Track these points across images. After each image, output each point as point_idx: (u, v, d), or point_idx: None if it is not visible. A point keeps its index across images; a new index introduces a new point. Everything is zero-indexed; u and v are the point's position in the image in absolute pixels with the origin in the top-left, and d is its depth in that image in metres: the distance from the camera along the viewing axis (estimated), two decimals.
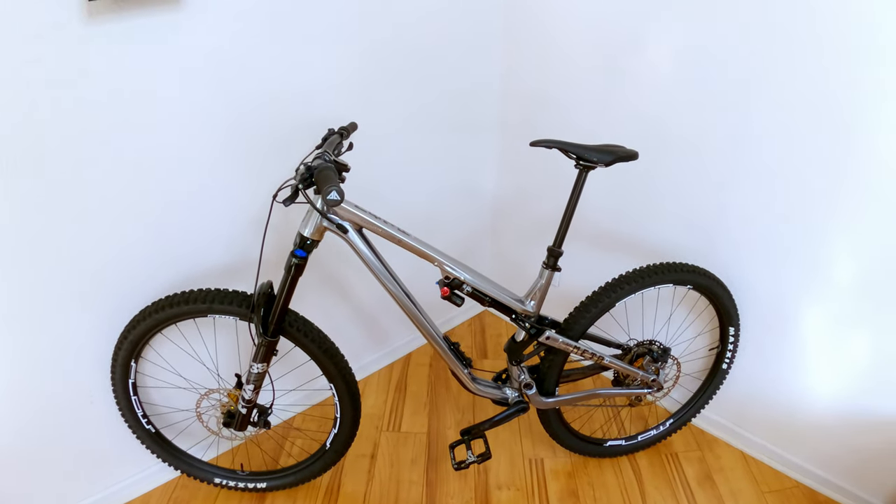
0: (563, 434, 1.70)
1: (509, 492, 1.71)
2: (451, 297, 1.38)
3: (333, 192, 1.00)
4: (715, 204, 1.63)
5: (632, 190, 1.80)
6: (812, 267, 1.50)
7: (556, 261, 1.44)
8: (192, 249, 1.53)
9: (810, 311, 1.55)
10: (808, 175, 1.43)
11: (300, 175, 1.14)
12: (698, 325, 1.81)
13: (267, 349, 1.39)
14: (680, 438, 1.89)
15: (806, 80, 1.36)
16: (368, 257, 1.34)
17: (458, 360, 1.49)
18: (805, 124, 1.40)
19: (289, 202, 1.16)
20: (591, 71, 1.76)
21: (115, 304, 1.46)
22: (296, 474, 1.68)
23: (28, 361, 1.38)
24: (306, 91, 1.57)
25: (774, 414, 1.73)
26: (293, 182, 1.22)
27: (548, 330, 1.46)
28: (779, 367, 1.67)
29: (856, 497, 1.64)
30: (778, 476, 1.76)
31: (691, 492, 1.71)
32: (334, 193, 1.00)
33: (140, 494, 1.71)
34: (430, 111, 1.90)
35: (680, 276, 1.54)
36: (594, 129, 1.82)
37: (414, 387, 2.10)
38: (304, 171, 1.13)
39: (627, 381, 1.68)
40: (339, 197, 1.00)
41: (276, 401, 1.91)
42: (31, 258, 1.29)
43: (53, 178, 1.25)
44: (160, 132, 1.36)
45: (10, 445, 1.43)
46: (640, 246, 1.85)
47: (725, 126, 1.53)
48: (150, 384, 1.61)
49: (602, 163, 1.37)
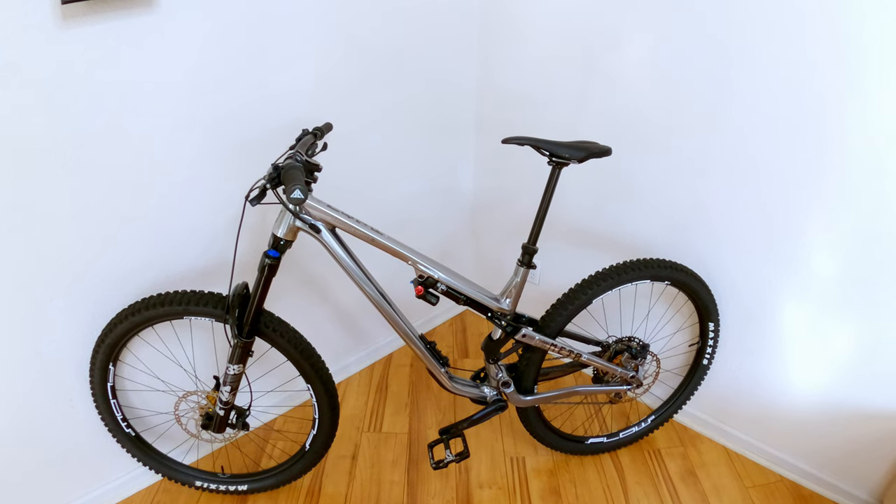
0: (543, 432, 1.70)
1: (491, 491, 1.71)
2: (425, 295, 1.38)
3: (297, 191, 1.00)
4: (692, 199, 1.64)
5: (609, 186, 1.81)
6: (791, 260, 1.51)
7: (530, 258, 1.44)
8: (169, 251, 1.53)
9: (791, 305, 1.56)
10: (786, 169, 1.44)
11: (268, 175, 1.14)
12: (677, 321, 1.81)
13: (242, 350, 1.39)
14: (662, 435, 1.89)
15: (782, 73, 1.37)
16: (342, 257, 1.34)
17: (434, 359, 1.49)
18: (783, 118, 1.41)
19: (256, 202, 1.16)
20: (566, 69, 1.77)
21: (92, 307, 1.45)
22: (276, 476, 1.67)
23: (6, 365, 1.37)
24: (282, 92, 1.57)
25: (757, 409, 1.74)
26: (265, 181, 1.22)
27: (524, 328, 1.46)
28: (760, 361, 1.68)
29: (839, 490, 1.64)
30: (762, 471, 1.76)
31: (674, 488, 1.71)
32: (298, 192, 1.00)
33: (122, 499, 1.70)
34: (407, 111, 1.90)
35: (657, 272, 1.55)
36: (572, 127, 1.83)
37: (395, 387, 2.10)
38: (271, 171, 1.14)
39: (607, 378, 1.68)
40: (303, 195, 1.00)
41: (255, 402, 1.91)
42: (7, 261, 1.28)
43: (27, 183, 1.24)
44: (135, 135, 1.35)
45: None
46: (618, 242, 1.86)
47: (702, 121, 1.54)
48: (129, 387, 1.60)
49: (574, 159, 1.37)
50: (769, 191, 1.49)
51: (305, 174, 1.23)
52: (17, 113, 1.18)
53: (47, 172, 1.26)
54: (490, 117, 2.07)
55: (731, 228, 1.59)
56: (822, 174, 1.39)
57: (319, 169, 1.27)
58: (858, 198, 1.35)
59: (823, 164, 1.38)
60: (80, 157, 1.29)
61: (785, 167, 1.44)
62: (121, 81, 1.29)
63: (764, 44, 1.38)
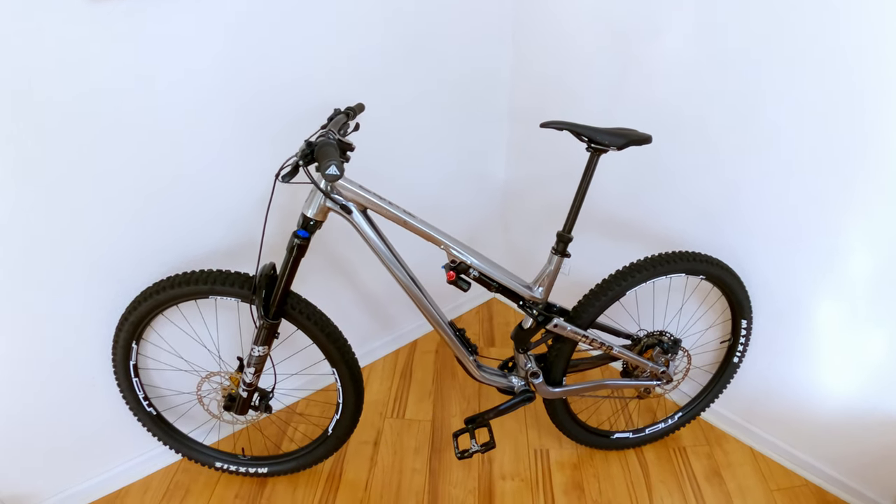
0: (569, 425, 1.67)
1: (513, 482, 1.68)
2: (456, 281, 1.34)
3: (333, 167, 0.96)
4: (727, 192, 1.58)
5: (642, 177, 1.75)
6: (827, 260, 1.45)
7: (565, 246, 1.40)
8: (194, 231, 1.51)
9: (825, 305, 1.50)
10: (824, 165, 1.38)
11: (301, 151, 1.11)
12: (710, 317, 1.76)
13: (268, 332, 1.37)
14: (688, 432, 1.85)
15: (822, 65, 1.30)
16: (373, 239, 1.31)
17: (463, 346, 1.46)
18: (821, 112, 1.34)
19: (287, 178, 1.13)
20: (602, 56, 1.71)
21: (116, 285, 1.44)
22: (297, 460, 1.66)
23: (29, 342, 1.36)
24: (318, 72, 1.54)
25: (785, 410, 1.69)
26: (297, 159, 1.19)
27: (556, 318, 1.43)
28: (791, 361, 1.63)
29: (865, 497, 1.59)
30: (787, 473, 1.72)
31: (698, 487, 1.68)
32: (333, 168, 0.97)
33: (141, 477, 1.70)
34: (440, 97, 1.86)
35: (692, 266, 1.50)
36: (607, 116, 1.77)
37: (419, 374, 2.07)
38: (304, 148, 1.10)
39: (636, 373, 1.64)
40: (339, 172, 0.97)
41: (279, 385, 1.89)
42: (33, 238, 1.27)
43: (57, 158, 1.23)
44: (168, 112, 1.33)
45: (10, 427, 1.42)
46: (650, 234, 1.81)
47: (739, 114, 1.48)
48: (152, 366, 1.59)
49: (614, 146, 1.32)
50: (805, 186, 1.42)
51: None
52: (46, 88, 1.15)
53: (72, 152, 1.24)
54: (523, 104, 2.02)
55: (765, 224, 1.53)
56: (860, 170, 1.32)
57: (352, 148, 1.23)
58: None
59: (862, 159, 1.31)
60: (110, 134, 1.27)
61: (821, 162, 1.38)
62: (154, 56, 1.26)
63: (804, 33, 1.31)
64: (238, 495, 1.65)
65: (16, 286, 1.29)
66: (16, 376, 1.37)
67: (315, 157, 1.05)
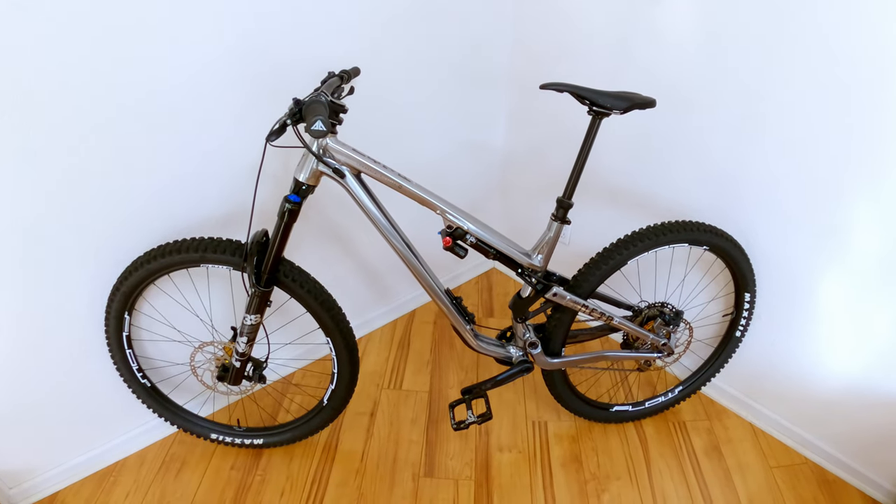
0: (567, 397, 1.65)
1: (511, 454, 1.66)
2: (453, 247, 1.31)
3: (318, 122, 0.93)
4: (732, 163, 1.53)
5: (645, 144, 1.71)
6: (831, 234, 1.41)
7: (565, 213, 1.36)
8: (187, 198, 1.47)
9: (829, 281, 1.46)
10: (829, 136, 1.33)
11: (289, 109, 1.06)
12: (712, 290, 1.73)
13: (260, 300, 1.34)
14: (688, 407, 1.83)
15: (828, 40, 1.25)
16: (367, 205, 1.27)
17: (460, 315, 1.43)
18: (826, 86, 1.29)
19: (274, 137, 1.09)
20: (606, 21, 1.65)
21: (108, 254, 1.40)
22: (293, 430, 1.64)
23: (20, 315, 1.34)
24: (310, 35, 1.48)
25: (787, 387, 1.66)
26: (287, 120, 1.15)
27: (555, 286, 1.39)
28: (794, 338, 1.59)
29: (864, 477, 1.57)
30: (787, 451, 1.69)
31: (697, 462, 1.66)
32: (319, 123, 0.93)
33: (137, 450, 1.69)
34: (441, 65, 1.81)
35: (696, 236, 1.46)
36: (610, 83, 1.72)
37: (417, 344, 2.05)
38: (292, 106, 1.06)
39: (637, 345, 1.61)
40: (324, 128, 0.93)
41: (273, 355, 1.87)
42: (20, 209, 1.23)
43: (49, 126, 1.18)
44: (154, 75, 1.28)
45: (2, 402, 1.40)
46: (652, 204, 1.76)
47: (745, 82, 1.42)
48: (145, 337, 1.57)
49: (617, 109, 1.27)
50: (812, 159, 1.37)
51: (330, 115, 1.15)
52: (38, 49, 1.11)
53: (65, 115, 1.20)
54: (523, 71, 1.97)
55: (771, 196, 1.49)
56: (868, 144, 1.27)
57: (345, 110, 1.19)
58: None
59: (870, 133, 1.26)
60: (95, 99, 1.22)
61: (828, 138, 1.33)
62: (131, 23, 1.21)
63: (812, 7, 1.25)
64: (234, 466, 1.64)
65: (2, 259, 1.26)
66: (6, 351, 1.35)
67: (303, 115, 1.01)
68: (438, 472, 1.61)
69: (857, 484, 1.59)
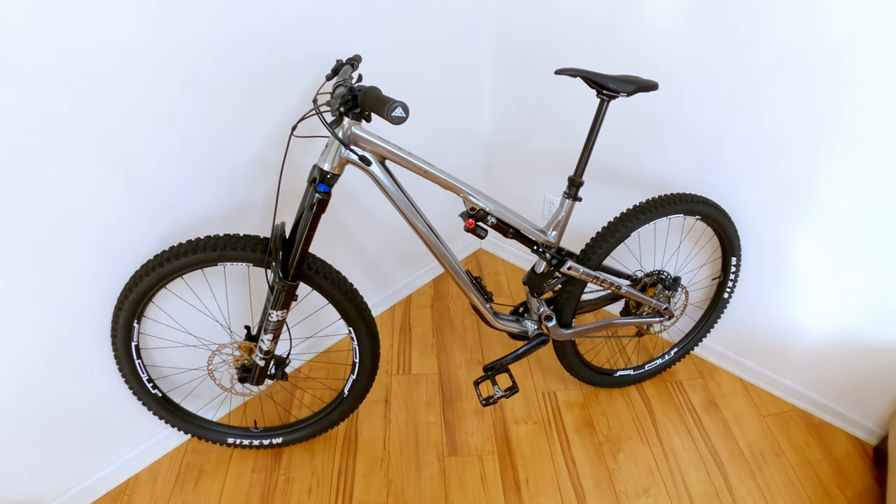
0: (577, 366, 1.73)
1: (527, 426, 1.73)
2: (475, 229, 1.35)
3: (399, 109, 0.93)
4: (714, 136, 1.65)
5: (630, 122, 1.80)
6: (808, 197, 1.55)
7: (577, 190, 1.43)
8: (188, 196, 1.43)
9: (806, 243, 1.60)
10: (803, 110, 1.46)
11: (341, 98, 1.04)
12: (702, 257, 1.85)
13: (287, 294, 1.33)
14: (682, 367, 1.96)
15: (805, 17, 1.37)
16: (392, 191, 1.29)
17: (480, 294, 1.47)
18: (802, 60, 1.41)
19: (335, 125, 1.09)
20: (589, 4, 1.73)
21: (110, 261, 1.34)
22: (313, 425, 1.64)
23: (19, 335, 1.26)
24: (301, 22, 1.47)
25: (772, 341, 1.81)
26: (315, 111, 1.15)
27: (569, 260, 1.46)
28: (776, 296, 1.73)
29: (847, 419, 1.74)
30: (775, 400, 1.84)
31: (698, 417, 1.78)
32: (400, 110, 0.93)
33: (148, 464, 1.63)
34: (424, 46, 1.82)
35: (691, 207, 1.57)
36: (595, 62, 1.80)
37: (418, 328, 2.08)
38: (345, 93, 1.04)
39: (638, 311, 1.71)
40: (406, 113, 0.93)
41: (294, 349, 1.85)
42: (15, 217, 1.15)
43: (40, 124, 1.12)
44: (152, 69, 1.24)
45: (8, 425, 1.32)
46: (639, 179, 1.87)
47: (726, 58, 1.53)
48: (154, 345, 1.52)
49: (624, 92, 1.35)
50: (789, 131, 1.50)
51: None
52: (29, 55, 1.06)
53: (59, 111, 1.14)
54: (508, 53, 2.02)
55: (750, 166, 1.61)
56: (838, 116, 1.41)
57: None
58: (873, 139, 1.38)
59: (839, 106, 1.40)
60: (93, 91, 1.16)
61: (803, 109, 1.46)
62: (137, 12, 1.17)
63: None
64: (255, 469, 1.62)
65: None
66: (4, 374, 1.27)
67: (362, 103, 1.01)
68: (462, 450, 1.66)
69: (840, 425, 1.76)
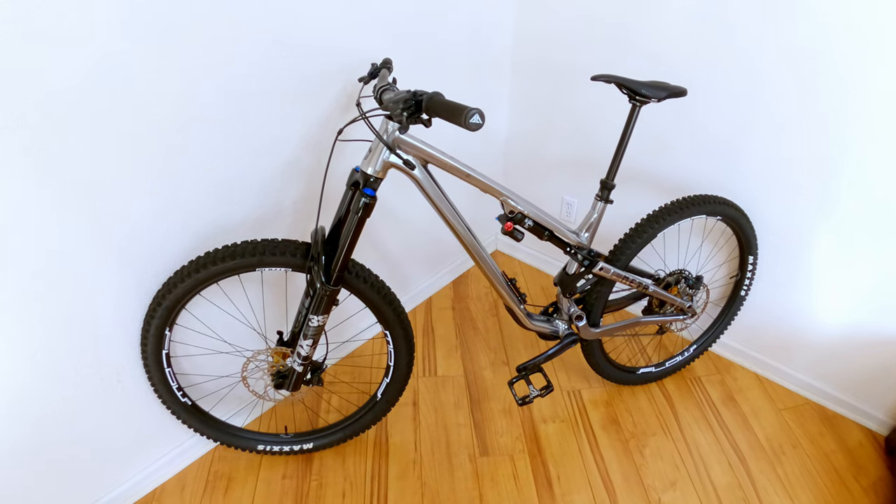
0: (603, 364, 1.76)
1: (555, 424, 1.75)
2: (513, 231, 1.37)
3: (477, 116, 0.93)
4: (731, 138, 1.69)
5: (649, 126, 1.84)
6: (821, 196, 1.59)
7: (608, 193, 1.46)
8: (221, 200, 1.42)
9: (820, 241, 1.65)
10: (819, 112, 1.50)
11: (404, 102, 1.03)
12: (720, 256, 1.90)
13: (329, 299, 1.33)
14: (700, 364, 2.00)
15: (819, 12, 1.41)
16: (434, 194, 1.30)
17: (515, 295, 1.49)
18: (816, 71, 1.46)
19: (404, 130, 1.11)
20: (607, 8, 1.76)
21: (140, 269, 1.32)
22: (345, 429, 1.64)
23: (46, 342, 1.23)
24: (328, 27, 1.46)
25: (786, 336, 1.86)
26: (361, 116, 1.16)
27: (601, 261, 1.49)
28: (791, 292, 1.78)
29: (860, 411, 1.79)
30: (790, 394, 1.90)
31: (717, 411, 1.83)
32: (477, 117, 0.93)
33: (174, 473, 1.61)
34: (447, 53, 1.84)
35: (713, 208, 1.60)
36: (613, 65, 1.83)
37: (441, 330, 2.09)
38: (408, 98, 1.04)
39: (661, 310, 1.74)
40: (483, 120, 0.94)
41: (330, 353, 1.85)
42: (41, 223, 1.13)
43: (79, 127, 1.11)
44: (184, 75, 1.22)
45: (33, 435, 1.29)
46: (657, 181, 1.90)
47: (742, 62, 1.57)
48: (185, 352, 1.50)
49: (656, 98, 1.39)
50: (804, 133, 1.55)
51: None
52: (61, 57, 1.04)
53: (95, 119, 1.12)
54: (526, 58, 2.04)
55: (769, 168, 1.65)
56: (857, 117, 1.45)
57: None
58: (883, 139, 1.43)
59: (858, 106, 1.44)
60: (126, 99, 1.15)
61: (816, 109, 1.50)
62: (177, 22, 1.16)
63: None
64: (285, 475, 1.61)
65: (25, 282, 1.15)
66: (24, 389, 1.24)
67: (427, 109, 1.00)
68: (493, 450, 1.67)
69: (853, 417, 1.82)
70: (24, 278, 1.13)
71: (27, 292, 1.15)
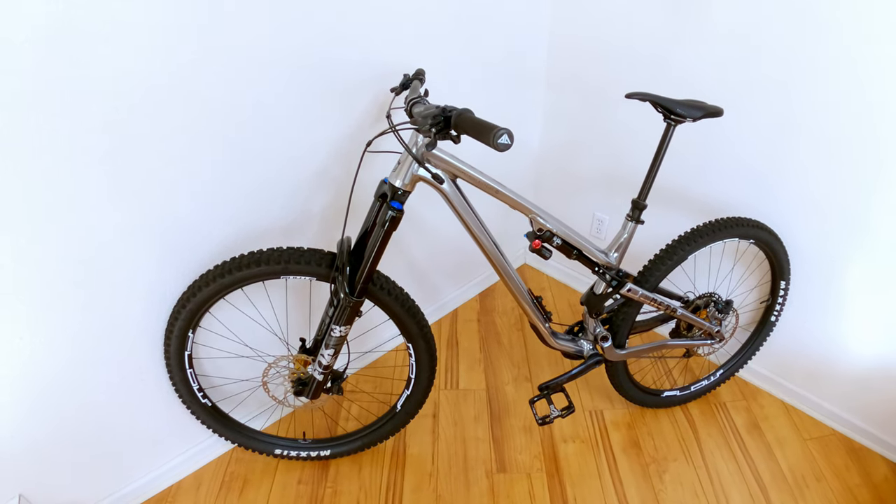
0: (627, 386, 1.72)
1: (574, 444, 1.72)
2: (541, 249, 1.35)
3: (505, 136, 0.91)
4: (765, 161, 1.64)
5: (682, 146, 1.80)
6: (859, 226, 1.53)
7: (640, 213, 1.43)
8: (248, 207, 1.43)
9: (855, 270, 1.59)
10: (858, 137, 1.45)
11: (433, 118, 1.03)
12: (751, 280, 1.84)
13: (353, 311, 1.33)
14: (726, 389, 1.95)
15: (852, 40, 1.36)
16: (462, 209, 1.28)
17: (540, 313, 1.47)
18: (855, 87, 1.40)
19: (431, 147, 1.08)
20: (643, 29, 1.73)
21: (170, 270, 1.35)
22: (363, 438, 1.63)
23: (70, 338, 1.26)
24: (364, 39, 1.47)
25: (815, 365, 1.80)
26: (391, 129, 1.15)
27: (629, 282, 1.46)
28: (822, 320, 1.72)
29: (887, 444, 1.72)
30: (816, 424, 1.83)
31: (741, 439, 1.77)
32: (506, 137, 0.91)
33: (191, 472, 1.64)
34: (481, 67, 1.83)
35: (745, 231, 1.56)
36: (648, 84, 1.80)
37: (465, 343, 2.08)
38: (437, 113, 1.03)
39: (689, 333, 1.70)
40: (511, 141, 0.92)
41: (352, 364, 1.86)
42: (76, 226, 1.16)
43: (107, 134, 1.13)
44: (212, 84, 1.24)
45: (53, 427, 1.32)
46: (689, 202, 1.86)
47: (778, 85, 1.52)
48: (206, 355, 1.51)
49: (691, 118, 1.35)
50: (842, 158, 1.49)
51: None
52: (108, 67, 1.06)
53: (124, 128, 1.15)
54: (561, 72, 2.01)
55: (804, 193, 1.60)
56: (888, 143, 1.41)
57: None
58: None
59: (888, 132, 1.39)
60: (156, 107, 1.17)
61: (858, 137, 1.45)
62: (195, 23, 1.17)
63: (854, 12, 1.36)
64: (301, 480, 1.62)
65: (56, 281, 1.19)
66: (52, 380, 1.27)
67: (456, 126, 0.99)
68: (510, 467, 1.65)
69: (879, 450, 1.75)
70: (68, 266, 1.18)
71: (66, 281, 1.19)
